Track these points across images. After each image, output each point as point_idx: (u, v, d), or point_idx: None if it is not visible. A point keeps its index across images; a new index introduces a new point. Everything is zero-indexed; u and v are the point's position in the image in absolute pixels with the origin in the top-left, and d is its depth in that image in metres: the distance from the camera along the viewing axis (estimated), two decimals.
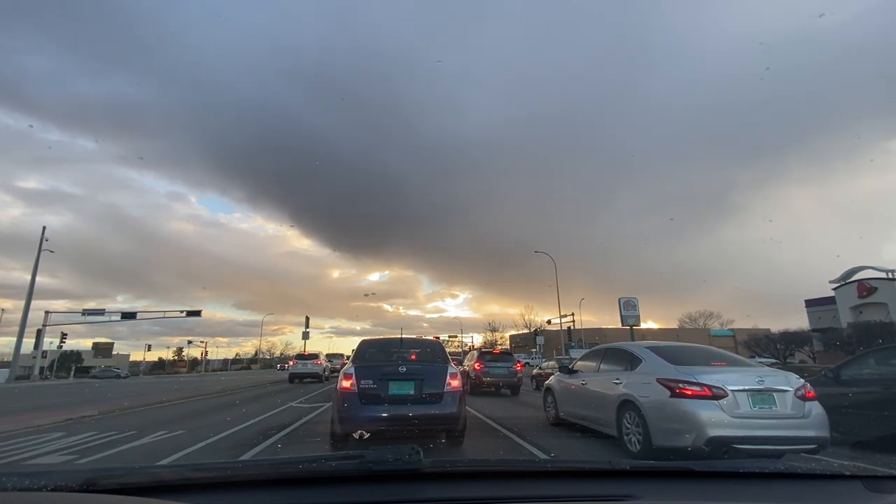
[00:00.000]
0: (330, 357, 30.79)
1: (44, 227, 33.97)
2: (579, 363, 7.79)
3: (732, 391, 4.92)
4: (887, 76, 74.54)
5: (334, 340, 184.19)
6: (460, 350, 60.16)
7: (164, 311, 47.71)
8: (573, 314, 42.93)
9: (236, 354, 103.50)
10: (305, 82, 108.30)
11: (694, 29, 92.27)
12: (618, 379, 6.14)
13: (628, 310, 34.79)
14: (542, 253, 40.39)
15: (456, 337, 76.50)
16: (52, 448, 6.43)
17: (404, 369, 5.74)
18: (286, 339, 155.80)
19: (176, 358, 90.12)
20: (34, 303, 34.32)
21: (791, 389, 5.09)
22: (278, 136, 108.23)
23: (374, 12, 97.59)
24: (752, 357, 37.38)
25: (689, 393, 5.02)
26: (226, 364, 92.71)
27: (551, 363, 19.50)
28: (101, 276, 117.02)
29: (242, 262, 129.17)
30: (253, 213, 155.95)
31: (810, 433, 4.92)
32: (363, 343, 6.65)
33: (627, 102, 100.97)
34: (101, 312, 42.51)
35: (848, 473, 1.57)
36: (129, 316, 44.47)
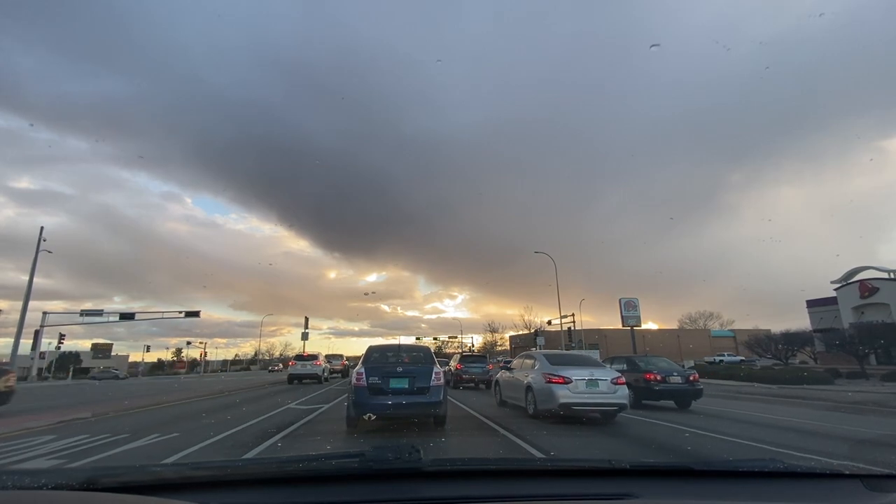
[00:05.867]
0: (329, 358, 30.54)
1: (41, 228, 33.69)
2: (515, 362, 11.69)
3: (575, 379, 8.63)
4: (885, 74, 74.45)
5: (333, 341, 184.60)
6: (460, 351, 59.98)
7: (163, 312, 47.48)
8: (573, 315, 42.77)
9: (235, 355, 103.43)
10: (303, 82, 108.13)
11: (695, 28, 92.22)
12: (526, 373, 9.86)
13: (629, 310, 34.73)
14: (541, 253, 40.22)
15: (455, 338, 76.53)
16: (39, 452, 6.25)
17: (401, 369, 7.45)
18: (285, 339, 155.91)
19: (175, 359, 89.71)
20: (31, 303, 34.08)
21: (608, 379, 8.80)
22: (274, 136, 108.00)
23: (373, 13, 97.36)
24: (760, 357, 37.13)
25: (554, 381, 8.70)
26: (225, 365, 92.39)
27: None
28: (98, 276, 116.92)
29: (239, 263, 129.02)
30: (248, 214, 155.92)
31: (616, 401, 8.73)
32: (370, 348, 8.41)
33: (628, 101, 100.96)
34: (99, 313, 42.25)
35: (847, 472, 1.57)
36: (127, 316, 44.22)
